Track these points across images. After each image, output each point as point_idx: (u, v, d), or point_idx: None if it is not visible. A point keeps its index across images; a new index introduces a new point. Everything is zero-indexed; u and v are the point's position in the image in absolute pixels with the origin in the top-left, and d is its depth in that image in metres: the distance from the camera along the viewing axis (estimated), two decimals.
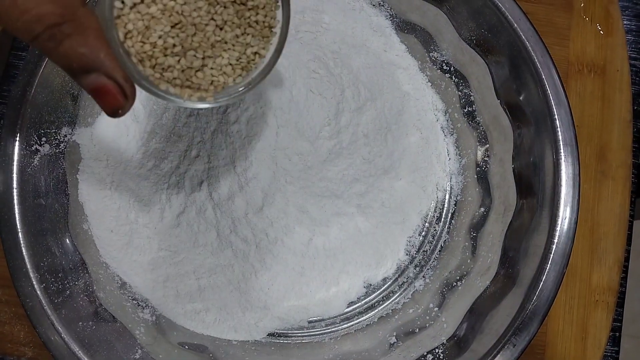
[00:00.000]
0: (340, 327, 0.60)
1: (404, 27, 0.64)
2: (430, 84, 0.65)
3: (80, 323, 0.52)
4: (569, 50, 0.68)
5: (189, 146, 0.58)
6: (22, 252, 0.51)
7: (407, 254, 0.63)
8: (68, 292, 0.53)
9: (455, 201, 0.63)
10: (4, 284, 0.59)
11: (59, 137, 0.56)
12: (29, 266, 0.51)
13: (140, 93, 0.39)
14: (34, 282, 0.51)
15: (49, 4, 0.33)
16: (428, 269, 0.62)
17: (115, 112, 0.37)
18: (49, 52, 0.34)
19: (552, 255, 0.52)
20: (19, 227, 0.52)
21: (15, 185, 0.52)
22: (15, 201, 0.52)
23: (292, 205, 0.59)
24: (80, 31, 0.34)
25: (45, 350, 0.50)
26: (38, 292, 0.51)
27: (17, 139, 0.53)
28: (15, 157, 0.52)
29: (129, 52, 0.37)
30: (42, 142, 0.55)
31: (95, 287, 0.55)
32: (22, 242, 0.51)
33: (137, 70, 0.38)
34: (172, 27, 0.37)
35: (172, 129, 0.58)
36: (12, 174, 0.52)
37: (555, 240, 0.52)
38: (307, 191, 0.59)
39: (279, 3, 0.40)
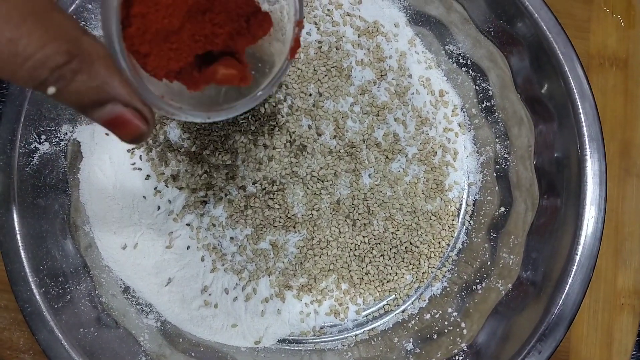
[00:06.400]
0: (353, 333, 0.58)
1: (418, 19, 0.62)
2: (446, 79, 0.62)
3: (82, 329, 0.50)
4: (590, 43, 0.65)
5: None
6: (20, 255, 0.49)
7: None
8: (69, 296, 0.51)
9: (474, 201, 0.61)
10: (3, 289, 0.56)
11: (59, 135, 0.54)
12: (27, 270, 0.49)
13: None
14: (33, 287, 0.49)
15: (52, 43, 0.29)
16: (446, 272, 0.59)
17: (136, 139, 0.33)
18: (57, 95, 0.30)
19: (578, 256, 0.49)
20: (17, 228, 0.49)
21: (13, 185, 0.50)
22: (14, 202, 0.50)
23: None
24: (89, 64, 0.30)
25: (45, 357, 0.48)
26: (37, 296, 0.49)
27: (16, 136, 0.50)
28: (14, 156, 0.50)
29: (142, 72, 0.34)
30: (41, 140, 0.52)
31: (97, 292, 0.53)
32: (20, 244, 0.49)
33: (153, 91, 0.34)
34: None
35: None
36: (11, 173, 0.50)
37: (582, 241, 0.49)
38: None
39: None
